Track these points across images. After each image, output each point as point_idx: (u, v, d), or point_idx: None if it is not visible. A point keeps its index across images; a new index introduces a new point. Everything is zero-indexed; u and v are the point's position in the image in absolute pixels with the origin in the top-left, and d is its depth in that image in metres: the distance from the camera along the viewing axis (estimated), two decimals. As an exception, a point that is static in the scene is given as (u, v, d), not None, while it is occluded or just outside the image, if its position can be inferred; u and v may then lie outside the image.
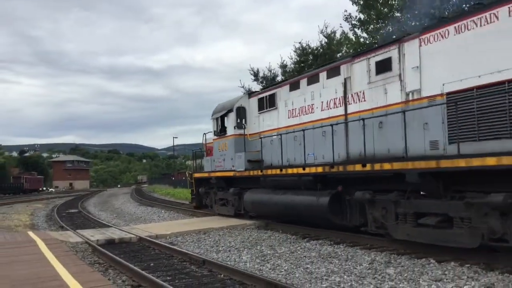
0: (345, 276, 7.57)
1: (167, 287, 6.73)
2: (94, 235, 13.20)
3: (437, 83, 8.95)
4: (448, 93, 8.68)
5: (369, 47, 11.78)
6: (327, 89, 12.11)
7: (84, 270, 7.71)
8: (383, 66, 10.28)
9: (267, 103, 14.92)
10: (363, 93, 10.89)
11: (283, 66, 28.06)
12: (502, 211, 7.34)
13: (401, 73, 9.85)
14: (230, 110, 16.40)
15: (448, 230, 8.15)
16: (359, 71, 11.03)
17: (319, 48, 26.48)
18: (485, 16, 8.10)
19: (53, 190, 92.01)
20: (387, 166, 9.23)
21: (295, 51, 27.33)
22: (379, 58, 10.44)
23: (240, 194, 15.64)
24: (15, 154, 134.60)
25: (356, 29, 24.03)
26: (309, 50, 26.78)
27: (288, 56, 37.16)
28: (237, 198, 15.84)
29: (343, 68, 11.62)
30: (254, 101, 15.83)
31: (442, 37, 8.91)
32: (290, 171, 12.66)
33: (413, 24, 18.89)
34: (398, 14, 21.10)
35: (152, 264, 9.32)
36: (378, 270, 7.90)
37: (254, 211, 14.96)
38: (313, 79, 12.74)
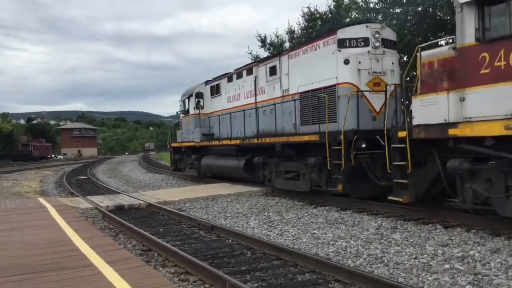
0: (351, 241, 7.66)
1: (177, 251, 6.85)
2: (104, 201, 13.40)
3: (295, 85, 13.16)
4: (300, 93, 12.90)
5: (267, 56, 16.17)
6: (246, 83, 16.16)
7: (95, 235, 7.85)
8: (273, 71, 14.39)
9: (215, 90, 18.94)
10: (264, 88, 14.97)
11: (291, 32, 27.59)
12: (319, 168, 11.72)
13: (280, 77, 13.97)
14: (191, 95, 20.57)
15: (298, 181, 12.74)
16: (262, 72, 15.10)
17: (327, 13, 25.95)
18: (314, 44, 12.45)
19: (62, 157, 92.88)
20: (267, 140, 13.99)
21: (303, 16, 26.82)
22: (270, 65, 14.53)
23: (200, 159, 19.89)
24: (22, 121, 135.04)
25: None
26: (317, 16, 26.24)
27: (296, 21, 36.46)
28: (198, 163, 20.16)
29: (254, 69, 15.62)
30: (208, 88, 19.78)
31: (298, 56, 13.15)
32: (223, 142, 17.20)
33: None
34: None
35: (161, 230, 9.48)
36: (385, 235, 7.98)
37: (207, 172, 19.87)
38: (240, 75, 16.70)
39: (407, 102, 10.77)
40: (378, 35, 11.34)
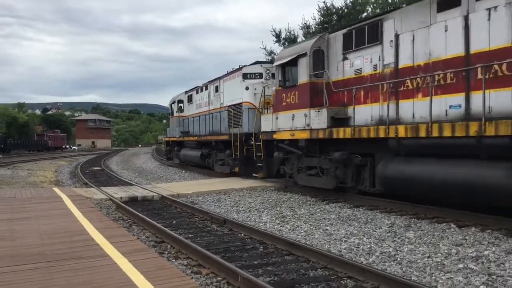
0: (364, 239, 7.63)
1: (190, 244, 6.88)
2: (118, 192, 13.52)
3: (226, 100, 18.74)
4: (228, 106, 18.42)
5: (215, 78, 20.64)
6: (205, 95, 21.91)
7: (109, 225, 7.93)
8: (217, 89, 20.15)
9: (190, 99, 24.94)
10: (213, 101, 20.67)
11: (307, 27, 27.46)
12: (233, 157, 17.29)
13: (220, 94, 19.65)
14: (175, 101, 27.16)
15: (225, 166, 18.87)
16: (212, 89, 20.89)
17: (343, 8, 25.77)
18: (234, 75, 18.00)
19: (76, 148, 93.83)
20: (209, 137, 20.48)
21: (319, 11, 26.68)
22: (216, 84, 20.29)
23: (180, 151, 26.33)
24: (38, 112, 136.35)
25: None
26: (333, 10, 26.08)
27: (311, 16, 36.26)
28: (179, 153, 26.63)
29: (209, 86, 21.30)
30: (187, 96, 25.70)
31: (227, 81, 18.78)
32: (190, 138, 23.99)
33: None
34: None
35: (174, 222, 9.54)
36: (398, 233, 7.93)
37: (184, 160, 25.87)
38: (202, 89, 22.62)
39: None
40: (268, 71, 16.74)
